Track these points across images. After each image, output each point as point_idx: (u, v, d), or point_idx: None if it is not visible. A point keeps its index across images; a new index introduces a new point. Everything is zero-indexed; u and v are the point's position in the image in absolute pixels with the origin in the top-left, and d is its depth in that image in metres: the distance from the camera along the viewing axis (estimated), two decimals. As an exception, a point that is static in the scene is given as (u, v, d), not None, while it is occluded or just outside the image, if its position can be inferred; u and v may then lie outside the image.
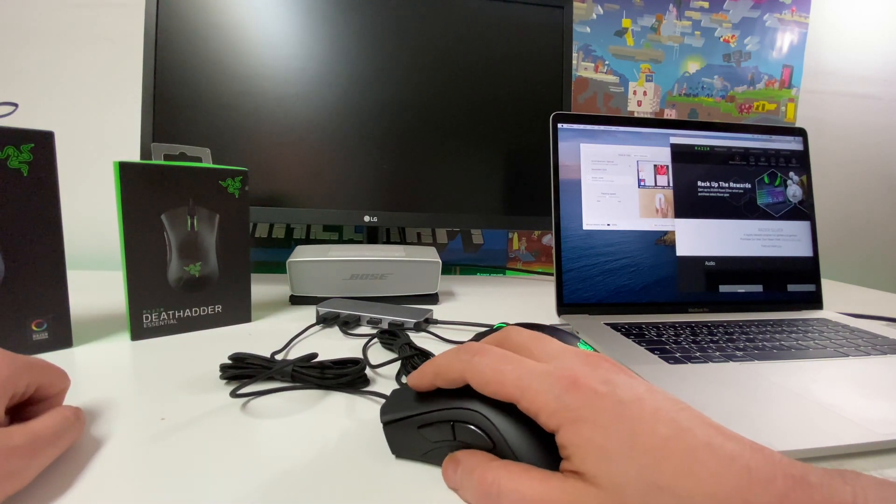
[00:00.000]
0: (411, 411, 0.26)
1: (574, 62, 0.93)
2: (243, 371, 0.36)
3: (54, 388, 0.26)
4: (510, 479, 0.21)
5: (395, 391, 0.29)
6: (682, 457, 0.17)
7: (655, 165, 0.58)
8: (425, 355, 0.40)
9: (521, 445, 0.23)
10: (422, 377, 0.25)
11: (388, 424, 0.27)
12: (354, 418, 0.31)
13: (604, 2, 0.93)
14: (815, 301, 0.59)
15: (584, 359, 0.22)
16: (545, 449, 0.22)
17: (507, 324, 0.40)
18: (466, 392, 0.24)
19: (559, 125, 0.56)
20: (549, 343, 0.24)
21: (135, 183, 0.42)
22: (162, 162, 0.44)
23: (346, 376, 0.35)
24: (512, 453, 0.22)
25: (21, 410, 0.25)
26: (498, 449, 0.23)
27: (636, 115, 0.97)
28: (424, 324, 0.51)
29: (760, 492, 0.16)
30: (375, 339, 0.46)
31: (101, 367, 0.38)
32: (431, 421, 0.25)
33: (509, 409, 0.23)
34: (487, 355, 0.23)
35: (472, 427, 0.24)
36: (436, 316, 0.55)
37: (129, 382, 0.35)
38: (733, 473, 0.17)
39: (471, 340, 0.41)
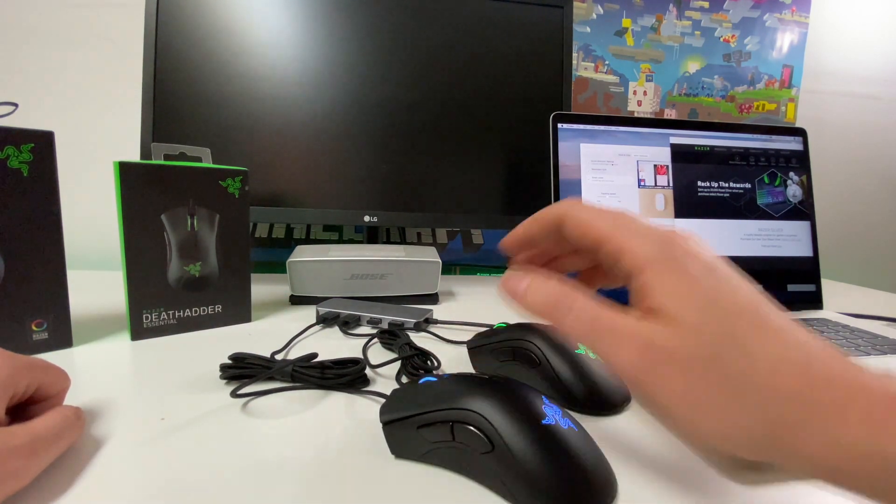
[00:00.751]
0: (411, 411, 0.26)
1: (574, 62, 0.93)
2: (243, 371, 0.36)
3: (54, 387, 0.27)
4: (587, 301, 0.21)
5: (395, 391, 0.29)
6: (755, 321, 0.18)
7: (655, 165, 0.58)
8: (425, 355, 0.40)
9: (521, 448, 0.23)
10: (518, 226, 0.25)
11: (387, 424, 0.27)
12: (354, 418, 0.31)
13: (604, 2, 0.93)
14: (815, 301, 0.59)
15: (677, 229, 0.22)
16: (546, 452, 0.22)
17: (508, 324, 0.40)
18: (467, 393, 0.24)
19: (559, 125, 0.56)
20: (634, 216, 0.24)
21: (135, 183, 0.42)
22: (162, 162, 0.45)
23: (346, 376, 0.35)
24: (511, 455, 0.22)
25: (21, 410, 0.25)
26: (497, 450, 0.23)
27: (636, 115, 0.97)
28: (424, 324, 0.51)
29: (822, 366, 0.17)
30: (375, 339, 0.46)
31: (101, 367, 0.38)
32: (431, 421, 0.25)
33: (509, 412, 0.23)
34: (589, 206, 0.23)
35: (472, 428, 0.24)
36: (436, 316, 0.55)
37: (129, 382, 0.35)
38: (800, 348, 0.18)
39: (472, 339, 0.41)
